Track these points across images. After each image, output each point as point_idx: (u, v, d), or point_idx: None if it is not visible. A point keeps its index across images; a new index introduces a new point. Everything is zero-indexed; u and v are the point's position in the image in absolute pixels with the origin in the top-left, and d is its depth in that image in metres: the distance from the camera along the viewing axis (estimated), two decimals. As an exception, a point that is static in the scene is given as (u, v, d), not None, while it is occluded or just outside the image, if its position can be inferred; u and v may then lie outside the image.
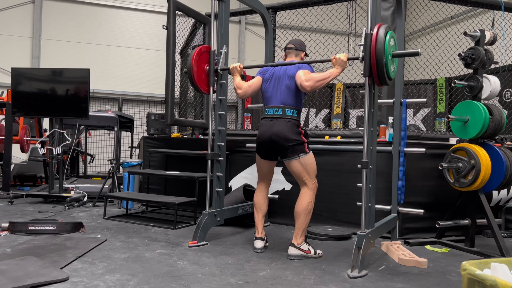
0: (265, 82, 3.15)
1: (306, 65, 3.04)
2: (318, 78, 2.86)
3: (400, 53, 2.79)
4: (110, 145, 9.41)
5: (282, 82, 3.05)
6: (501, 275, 1.63)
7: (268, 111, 3.07)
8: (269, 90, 3.10)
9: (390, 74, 2.69)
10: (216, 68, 3.43)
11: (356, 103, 7.89)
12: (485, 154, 3.25)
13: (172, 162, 5.15)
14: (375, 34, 2.63)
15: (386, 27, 2.65)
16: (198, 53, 3.37)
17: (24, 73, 5.35)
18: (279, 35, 5.81)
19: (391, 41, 2.68)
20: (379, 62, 2.60)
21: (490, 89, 3.41)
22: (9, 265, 2.50)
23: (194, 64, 3.34)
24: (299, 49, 3.21)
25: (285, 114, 2.99)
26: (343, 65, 2.85)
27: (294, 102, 3.03)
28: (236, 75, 3.30)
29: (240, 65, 3.32)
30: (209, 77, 3.43)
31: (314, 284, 2.45)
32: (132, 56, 10.57)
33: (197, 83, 3.39)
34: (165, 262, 2.80)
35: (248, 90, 3.20)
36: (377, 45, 2.60)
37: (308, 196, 3.01)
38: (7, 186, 5.60)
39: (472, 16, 7.97)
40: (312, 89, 2.92)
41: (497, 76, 3.65)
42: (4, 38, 9.82)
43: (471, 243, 3.39)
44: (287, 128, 2.95)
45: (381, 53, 2.59)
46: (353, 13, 6.13)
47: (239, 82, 3.25)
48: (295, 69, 3.01)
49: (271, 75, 3.13)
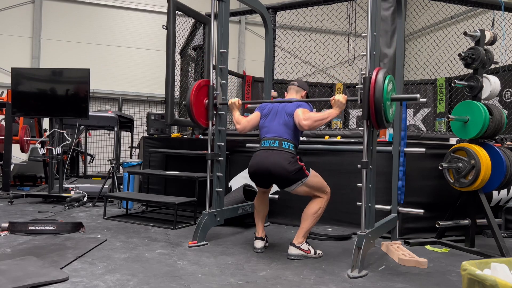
0: (263, 118, 3.15)
1: (305, 104, 3.04)
2: (317, 118, 2.86)
3: (399, 97, 2.77)
4: (110, 145, 9.40)
5: (280, 118, 3.03)
6: (501, 275, 1.63)
7: (264, 143, 3.03)
8: (267, 124, 3.09)
9: (388, 118, 2.68)
10: (215, 102, 3.44)
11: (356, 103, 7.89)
12: (485, 154, 3.25)
13: (172, 162, 5.15)
14: (373, 78, 2.61)
15: (384, 72, 2.63)
16: (197, 87, 3.38)
17: (24, 73, 5.35)
18: (279, 35, 5.81)
19: (390, 85, 2.67)
20: (378, 108, 2.59)
21: (490, 89, 3.41)
22: (9, 265, 2.50)
23: (193, 98, 3.34)
24: (301, 87, 3.23)
25: (281, 147, 2.94)
26: (341, 107, 2.85)
27: (291, 137, 2.99)
28: (234, 110, 3.33)
29: (238, 101, 3.34)
30: (208, 111, 3.44)
31: (314, 284, 2.45)
32: (132, 56, 10.56)
33: (196, 117, 3.39)
34: (165, 262, 2.80)
35: (247, 126, 3.21)
36: (376, 90, 2.58)
37: (321, 203, 3.01)
38: (7, 186, 5.60)
39: (472, 16, 7.97)
40: (310, 129, 2.92)
41: (497, 76, 3.64)
42: (4, 38, 9.82)
43: (471, 243, 3.39)
44: (283, 158, 2.89)
45: (380, 100, 2.57)
46: (353, 13, 6.13)
47: (238, 117, 3.27)
48: (294, 107, 3.00)
49: (270, 110, 3.13)
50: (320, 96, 7.98)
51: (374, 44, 2.75)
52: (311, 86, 8.60)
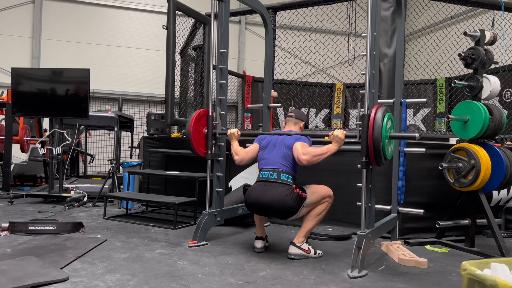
0: (262, 150, 3.14)
1: (304, 137, 3.03)
2: (315, 153, 2.85)
3: (398, 135, 2.78)
4: (110, 145, 9.40)
5: (279, 150, 3.02)
6: (501, 275, 1.63)
7: (263, 175, 3.01)
8: (265, 156, 3.08)
9: (387, 156, 2.68)
10: (214, 132, 3.45)
11: (356, 103, 7.89)
12: (485, 154, 3.25)
13: (172, 162, 5.15)
14: (372, 117, 2.60)
15: (383, 110, 2.62)
16: (196, 117, 3.37)
17: (24, 73, 5.35)
18: (279, 35, 5.81)
19: (389, 123, 2.66)
20: (376, 147, 2.58)
21: (490, 89, 3.41)
22: (9, 265, 2.50)
23: (193, 129, 3.34)
24: (299, 119, 3.24)
25: (280, 179, 2.93)
26: (340, 143, 2.84)
27: (290, 170, 2.97)
28: (233, 140, 3.33)
29: (237, 131, 3.36)
30: (207, 141, 3.44)
31: (314, 284, 2.45)
32: (132, 56, 10.56)
33: (195, 147, 3.38)
34: (165, 262, 2.80)
35: (245, 157, 3.20)
36: (375, 130, 2.57)
37: (324, 205, 3.02)
38: (7, 186, 5.60)
39: (472, 16, 7.97)
40: (309, 163, 2.88)
41: (497, 76, 3.64)
42: (4, 38, 9.81)
43: (471, 243, 3.39)
44: (281, 192, 2.85)
45: (379, 139, 2.56)
46: (353, 13, 6.13)
47: (237, 148, 3.27)
48: (293, 140, 3.00)
49: (268, 142, 3.12)
50: (320, 96, 7.98)
51: (374, 44, 2.75)
52: (311, 86, 8.61)
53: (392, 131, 2.74)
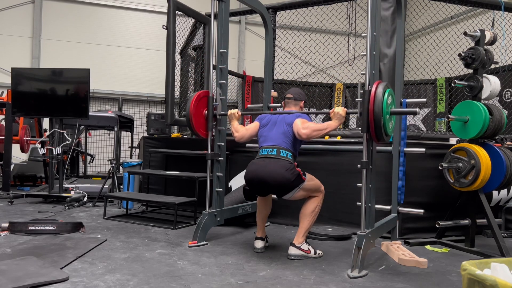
0: (262, 128, 3.16)
1: (305, 115, 3.06)
2: (315, 128, 2.88)
3: (398, 111, 2.78)
4: (110, 145, 9.40)
5: (279, 127, 3.04)
6: (501, 275, 1.63)
7: (262, 151, 3.03)
8: (265, 133, 3.10)
9: (388, 132, 2.68)
10: (214, 113, 3.45)
11: (356, 103, 7.89)
12: (485, 154, 3.25)
13: (172, 162, 5.15)
14: (373, 92, 2.61)
15: (384, 86, 2.63)
16: (196, 98, 3.38)
17: (24, 73, 5.35)
18: (279, 35, 5.81)
19: (389, 99, 2.67)
20: (377, 122, 2.59)
21: (490, 89, 3.41)
22: (9, 265, 2.50)
23: (193, 109, 3.35)
24: (298, 99, 3.24)
25: (279, 155, 2.94)
26: (340, 120, 2.87)
27: (289, 147, 2.99)
28: (233, 120, 3.35)
29: (237, 112, 3.37)
30: (208, 122, 3.44)
31: (314, 284, 2.45)
32: (132, 56, 10.56)
33: (196, 128, 3.39)
34: (165, 262, 2.80)
35: (245, 134, 3.22)
36: (375, 105, 2.58)
37: (316, 201, 3.03)
38: (7, 186, 5.60)
39: (472, 16, 7.97)
40: (308, 138, 2.92)
41: (497, 76, 3.64)
42: (4, 38, 9.82)
43: (471, 243, 3.39)
44: (281, 166, 2.87)
45: (379, 114, 2.57)
46: (353, 13, 6.13)
47: (237, 126, 3.29)
48: (293, 118, 3.02)
49: (269, 121, 3.14)
50: (320, 96, 7.98)
51: (374, 44, 2.75)
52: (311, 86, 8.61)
53: (392, 107, 2.74)
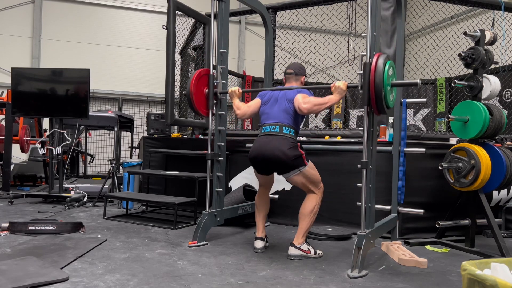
0: (263, 105, 3.17)
1: (306, 90, 3.07)
2: (316, 102, 2.89)
3: (399, 83, 2.78)
4: (110, 145, 9.40)
5: (281, 104, 3.05)
6: (501, 275, 1.63)
7: (265, 129, 3.05)
8: (267, 110, 3.11)
9: (389, 104, 2.69)
10: (215, 92, 3.45)
11: (356, 103, 7.90)
12: (485, 154, 3.25)
13: (172, 162, 5.15)
14: (374, 64, 2.61)
15: (385, 57, 2.64)
16: (197, 76, 3.39)
17: (24, 73, 5.35)
18: (279, 35, 5.80)
19: (390, 70, 2.67)
20: (378, 93, 2.59)
21: (490, 89, 3.41)
22: (9, 265, 2.50)
23: (193, 88, 3.35)
24: (299, 74, 3.24)
25: (282, 132, 2.96)
26: (341, 93, 2.87)
27: (291, 123, 3.01)
28: (234, 98, 3.35)
29: (238, 89, 3.36)
30: (209, 100, 3.44)
31: (314, 284, 2.45)
32: (132, 56, 10.56)
33: (196, 106, 3.40)
34: (165, 262, 2.80)
35: (247, 111, 3.23)
36: (376, 76, 2.58)
37: (315, 200, 3.02)
38: (7, 186, 5.60)
39: (472, 16, 7.97)
40: (309, 112, 2.95)
41: (497, 76, 3.64)
42: (4, 38, 9.81)
43: (471, 243, 3.39)
44: (283, 144, 2.90)
45: (380, 85, 2.58)
46: (353, 13, 6.13)
47: (238, 104, 3.29)
48: (294, 93, 3.03)
49: (270, 97, 3.14)
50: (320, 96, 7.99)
51: (374, 44, 2.75)
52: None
53: (393, 79, 2.74)
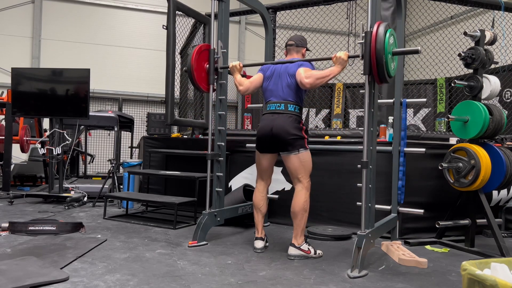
0: (266, 80, 3.17)
1: (307, 63, 3.07)
2: (318, 75, 2.89)
3: (400, 51, 2.79)
4: (110, 145, 9.40)
5: (283, 80, 3.07)
6: (501, 275, 1.63)
7: (270, 107, 3.08)
8: (270, 87, 3.13)
9: (390, 72, 2.69)
10: (216, 66, 3.44)
11: (356, 103, 7.89)
12: (485, 154, 3.25)
13: (172, 162, 5.15)
14: (374, 32, 2.63)
15: (385, 25, 2.65)
16: (198, 51, 3.38)
17: (24, 73, 5.35)
18: (279, 35, 5.80)
19: (391, 39, 2.69)
20: (379, 60, 2.60)
21: (490, 89, 3.41)
22: (9, 265, 2.50)
23: (194, 62, 3.35)
24: (300, 46, 3.23)
25: (287, 110, 3.01)
26: (343, 64, 2.87)
27: (295, 99, 3.05)
28: (236, 73, 3.33)
29: (239, 64, 3.35)
30: (209, 75, 3.44)
31: (314, 284, 2.45)
32: (132, 56, 10.56)
33: (197, 81, 3.40)
34: (165, 262, 2.80)
35: (249, 87, 3.24)
36: (377, 43, 2.60)
37: (304, 195, 3.01)
38: (7, 186, 5.60)
39: (472, 16, 7.97)
40: (312, 86, 2.96)
41: (497, 76, 3.64)
42: (4, 38, 9.82)
43: (471, 243, 3.39)
44: (289, 122, 2.97)
45: (381, 52, 2.59)
46: (353, 13, 6.13)
47: (240, 80, 3.29)
48: (295, 67, 3.03)
49: (272, 72, 3.15)
50: (320, 96, 7.98)
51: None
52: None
53: (394, 47, 2.75)
